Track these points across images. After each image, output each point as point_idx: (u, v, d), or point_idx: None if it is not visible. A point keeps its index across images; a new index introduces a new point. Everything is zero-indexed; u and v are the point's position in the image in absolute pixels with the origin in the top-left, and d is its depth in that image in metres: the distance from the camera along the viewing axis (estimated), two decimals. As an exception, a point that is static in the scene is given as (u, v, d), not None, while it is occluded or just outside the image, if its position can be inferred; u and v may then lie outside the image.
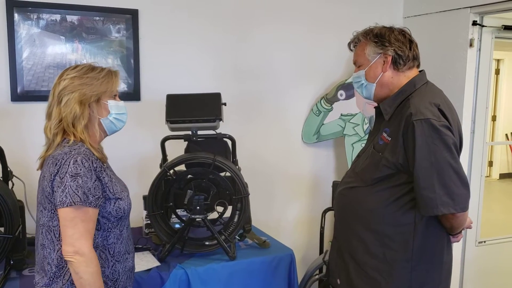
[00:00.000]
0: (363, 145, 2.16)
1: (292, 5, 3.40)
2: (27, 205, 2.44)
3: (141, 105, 3.02)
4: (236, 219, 2.49)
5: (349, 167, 2.15)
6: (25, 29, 2.72)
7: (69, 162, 1.63)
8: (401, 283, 1.89)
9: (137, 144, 3.03)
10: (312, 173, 3.64)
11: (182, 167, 2.46)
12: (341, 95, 3.45)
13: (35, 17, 2.74)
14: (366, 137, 3.44)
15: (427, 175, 1.74)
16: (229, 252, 2.43)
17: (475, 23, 3.23)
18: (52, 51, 2.79)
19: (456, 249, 3.42)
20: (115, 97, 1.83)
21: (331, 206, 3.32)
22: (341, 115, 3.47)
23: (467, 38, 3.24)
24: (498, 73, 8.55)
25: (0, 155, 2.37)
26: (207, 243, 2.50)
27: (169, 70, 3.09)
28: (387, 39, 1.89)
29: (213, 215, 2.51)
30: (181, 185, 2.45)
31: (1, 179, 2.35)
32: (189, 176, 2.46)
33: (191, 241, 2.49)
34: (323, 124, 3.51)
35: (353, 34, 2.01)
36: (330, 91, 3.49)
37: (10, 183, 2.39)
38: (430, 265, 1.91)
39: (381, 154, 1.86)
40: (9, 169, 2.38)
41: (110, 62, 2.92)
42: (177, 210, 2.54)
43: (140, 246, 2.55)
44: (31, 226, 2.44)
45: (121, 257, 1.81)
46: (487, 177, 8.57)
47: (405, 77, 1.91)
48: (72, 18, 2.81)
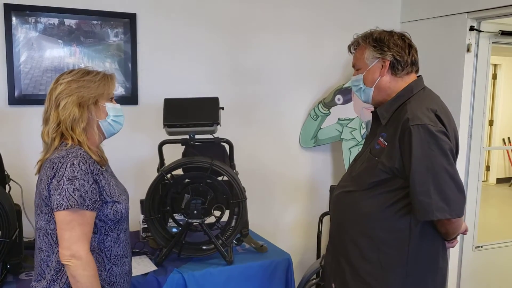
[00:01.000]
0: (360, 149, 2.16)
1: (290, 10, 3.41)
2: (24, 209, 2.43)
3: (138, 109, 3.02)
4: (233, 224, 2.48)
5: (346, 171, 2.16)
6: (23, 33, 2.72)
7: (66, 165, 1.63)
8: None
9: (134, 148, 3.03)
10: (309, 178, 3.64)
11: (179, 171, 2.46)
12: (339, 99, 3.46)
13: (33, 20, 2.74)
14: (363, 141, 3.44)
15: (423, 180, 1.74)
16: (226, 256, 2.42)
17: (472, 29, 3.24)
18: (50, 54, 2.79)
19: (453, 254, 3.44)
20: (111, 100, 1.84)
21: (329, 210, 3.32)
22: (339, 119, 3.48)
23: (465, 43, 3.25)
24: (495, 78, 8.59)
25: (-3, 159, 2.36)
26: (204, 247, 2.49)
27: (167, 74, 3.09)
28: (386, 43, 1.90)
29: (211, 220, 2.51)
30: (178, 189, 2.45)
31: (-2, 182, 2.34)
32: (187, 180, 2.46)
33: (188, 245, 2.49)
34: (320, 128, 3.51)
35: (353, 37, 2.02)
36: (327, 95, 3.50)
37: (7, 186, 2.39)
38: (425, 271, 1.90)
39: (377, 158, 1.86)
40: (6, 173, 2.38)
41: (107, 66, 2.92)
42: (174, 214, 2.53)
43: (137, 250, 2.54)
44: (28, 230, 2.45)
45: (118, 260, 1.81)
46: (484, 181, 8.59)
47: (403, 82, 1.92)
48: (70, 22, 2.82)
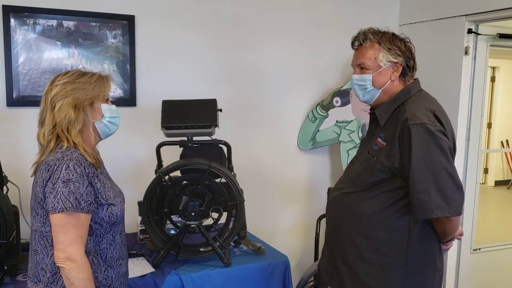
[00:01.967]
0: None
1: (288, 12, 3.42)
2: (22, 210, 2.43)
3: (136, 111, 3.03)
4: (231, 226, 2.48)
5: (343, 174, 2.15)
6: (22, 34, 2.72)
7: (61, 168, 1.63)
8: None
9: (132, 149, 3.03)
10: (307, 180, 3.65)
11: (177, 173, 2.46)
12: (337, 102, 3.46)
13: (32, 22, 2.74)
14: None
15: (423, 179, 1.74)
16: (223, 258, 2.42)
17: (470, 31, 3.25)
18: (48, 56, 2.79)
19: (451, 256, 3.44)
20: (107, 101, 1.83)
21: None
22: (337, 121, 3.48)
23: (463, 46, 3.26)
24: (493, 81, 8.60)
25: (-6, 160, 2.36)
26: (201, 249, 2.49)
27: (165, 76, 3.09)
28: (399, 47, 1.90)
29: (208, 221, 2.51)
30: (176, 191, 2.45)
31: (-4, 184, 2.34)
32: (184, 182, 2.46)
33: (186, 247, 2.49)
34: (318, 130, 3.52)
35: (359, 31, 1.97)
36: (325, 98, 3.50)
37: (5, 188, 2.39)
38: (424, 271, 1.91)
39: (376, 158, 1.87)
40: (4, 174, 2.38)
41: (106, 67, 2.92)
42: (172, 216, 2.54)
43: (134, 252, 2.54)
44: (26, 231, 2.44)
45: (114, 262, 1.81)
46: (482, 184, 8.60)
47: (404, 86, 1.94)
48: (68, 23, 2.82)
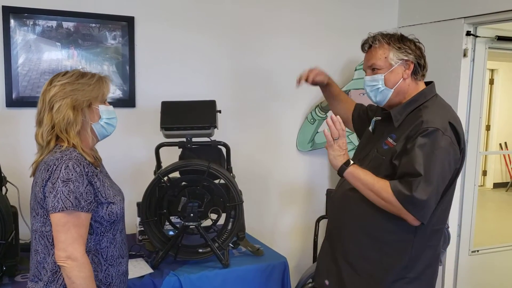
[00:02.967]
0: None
1: (288, 14, 3.42)
2: (21, 210, 2.43)
3: (136, 112, 3.03)
4: (230, 227, 2.49)
5: None
6: (21, 35, 2.72)
7: (61, 167, 1.63)
8: None
9: (131, 150, 3.03)
10: (306, 181, 3.65)
11: (176, 174, 2.46)
12: (336, 103, 3.46)
13: (31, 23, 2.74)
14: (360, 145, 3.44)
15: (415, 161, 1.75)
16: (222, 259, 2.42)
17: (469, 34, 3.26)
18: (48, 57, 2.80)
19: (449, 258, 3.45)
20: (104, 102, 1.83)
21: (325, 214, 3.33)
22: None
23: (461, 48, 3.27)
24: (492, 83, 8.62)
25: (-6, 161, 2.36)
26: (200, 250, 2.49)
27: (165, 77, 3.10)
28: (409, 46, 1.92)
29: (207, 223, 2.51)
30: (175, 192, 2.45)
31: (-5, 184, 2.34)
32: (183, 183, 2.46)
33: (185, 248, 2.49)
34: (317, 132, 3.52)
35: (369, 35, 1.99)
36: (324, 99, 3.50)
37: (3, 188, 2.39)
38: (424, 273, 1.92)
39: (384, 157, 1.88)
40: (3, 175, 2.38)
41: (105, 68, 2.92)
42: (171, 217, 2.54)
43: (133, 253, 2.54)
44: (25, 232, 2.44)
45: (115, 261, 1.81)
46: (481, 186, 8.61)
47: (417, 86, 1.95)
48: (68, 24, 2.82)
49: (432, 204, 1.77)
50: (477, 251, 3.64)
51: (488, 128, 8.69)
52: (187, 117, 2.43)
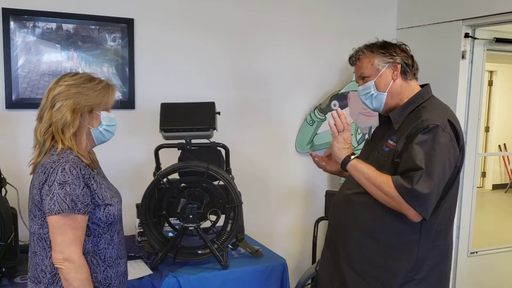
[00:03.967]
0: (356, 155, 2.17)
1: (287, 16, 3.43)
2: (20, 212, 2.43)
3: (135, 114, 3.04)
4: (229, 228, 2.49)
5: (348, 175, 2.15)
6: (21, 37, 2.73)
7: (57, 170, 1.64)
8: None
9: (131, 152, 3.04)
10: (305, 183, 3.66)
11: (175, 176, 2.47)
12: (335, 105, 3.48)
13: (31, 25, 2.75)
14: (359, 147, 3.46)
15: (416, 157, 1.76)
16: (221, 261, 2.43)
17: (467, 36, 3.27)
18: (47, 59, 2.80)
19: (447, 259, 3.45)
20: (107, 110, 1.84)
21: (324, 215, 3.33)
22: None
23: (460, 50, 3.28)
24: (491, 85, 8.63)
25: (-7, 162, 2.37)
26: (199, 251, 2.50)
27: (164, 79, 3.10)
28: (393, 49, 1.96)
29: (206, 224, 2.52)
30: (174, 193, 2.46)
31: (-6, 186, 2.35)
32: (183, 184, 2.47)
33: (184, 249, 2.50)
34: (316, 133, 3.53)
35: (353, 49, 2.04)
36: (323, 101, 3.52)
37: (3, 190, 2.39)
38: (431, 275, 1.91)
39: (386, 159, 1.89)
40: (2, 176, 2.38)
41: (105, 70, 2.93)
42: (170, 218, 2.54)
43: (132, 254, 2.55)
44: (24, 233, 2.45)
45: (113, 262, 1.82)
46: (480, 188, 8.62)
47: (411, 87, 1.97)
48: (68, 26, 2.83)
49: (433, 198, 1.77)
50: (476, 252, 3.64)
51: (487, 129, 8.70)
52: (187, 119, 2.44)
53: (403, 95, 1.96)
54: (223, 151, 2.58)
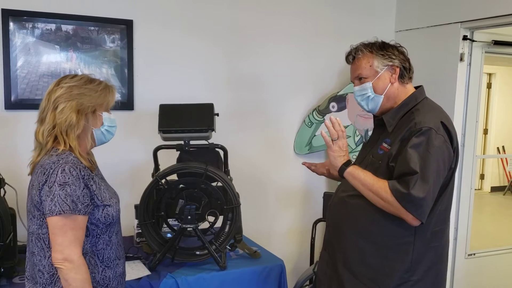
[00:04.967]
0: (354, 156, 2.18)
1: (285, 19, 3.44)
2: (19, 212, 2.44)
3: (134, 115, 3.04)
4: (227, 229, 2.50)
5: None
6: (20, 38, 2.74)
7: (57, 171, 1.64)
8: None
9: (129, 153, 3.04)
10: (303, 184, 3.66)
11: (174, 177, 2.47)
12: (333, 107, 3.49)
13: (30, 26, 2.76)
14: (357, 148, 3.46)
15: (410, 160, 1.77)
16: (219, 262, 2.43)
17: (465, 38, 3.28)
18: (46, 60, 2.81)
19: (445, 261, 3.46)
20: (108, 111, 1.85)
21: (322, 217, 3.34)
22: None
23: (458, 52, 3.28)
24: (490, 87, 8.64)
25: (-8, 163, 2.37)
26: (198, 252, 2.50)
27: (163, 80, 3.11)
28: (392, 51, 1.95)
29: (204, 225, 2.52)
30: (172, 194, 2.46)
31: (-7, 186, 2.35)
32: (181, 185, 2.47)
33: (182, 250, 2.50)
34: (315, 135, 3.54)
35: (351, 47, 2.03)
36: (322, 103, 3.53)
37: (2, 190, 2.39)
38: (428, 276, 1.92)
39: (380, 162, 1.90)
40: (1, 177, 2.39)
41: (104, 71, 2.94)
42: (168, 219, 2.54)
43: (131, 255, 2.55)
44: (23, 234, 2.45)
45: (111, 262, 1.82)
46: (478, 190, 8.62)
47: (406, 90, 1.97)
48: (67, 27, 2.84)
49: (429, 202, 1.78)
50: (474, 254, 3.65)
51: (485, 132, 8.70)
52: (185, 120, 2.45)
53: (399, 98, 1.97)
54: (221, 152, 2.59)
